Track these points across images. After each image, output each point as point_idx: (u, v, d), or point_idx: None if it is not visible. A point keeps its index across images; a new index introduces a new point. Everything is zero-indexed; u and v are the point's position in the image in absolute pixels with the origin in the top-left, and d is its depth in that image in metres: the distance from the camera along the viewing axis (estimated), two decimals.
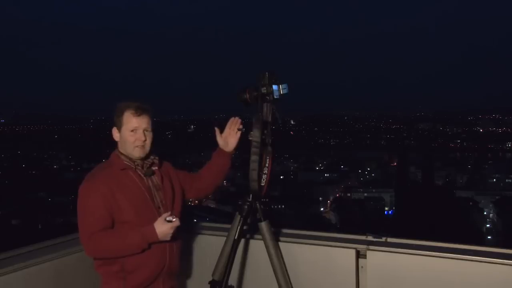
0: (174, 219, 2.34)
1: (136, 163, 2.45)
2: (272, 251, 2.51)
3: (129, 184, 2.40)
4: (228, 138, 2.75)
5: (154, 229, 2.33)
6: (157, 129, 2.60)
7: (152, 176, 2.50)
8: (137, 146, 2.42)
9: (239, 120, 2.76)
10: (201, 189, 2.80)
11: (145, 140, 2.44)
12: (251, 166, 2.43)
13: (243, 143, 2.66)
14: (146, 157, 2.49)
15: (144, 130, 2.44)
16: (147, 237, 2.33)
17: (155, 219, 2.36)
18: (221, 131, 2.75)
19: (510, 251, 2.41)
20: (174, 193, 2.56)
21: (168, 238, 2.36)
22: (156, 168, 2.53)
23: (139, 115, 2.43)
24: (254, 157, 2.43)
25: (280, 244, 2.65)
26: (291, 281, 2.56)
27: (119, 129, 2.46)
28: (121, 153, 2.46)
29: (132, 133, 2.43)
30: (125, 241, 2.32)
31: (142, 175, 2.46)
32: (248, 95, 2.51)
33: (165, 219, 2.34)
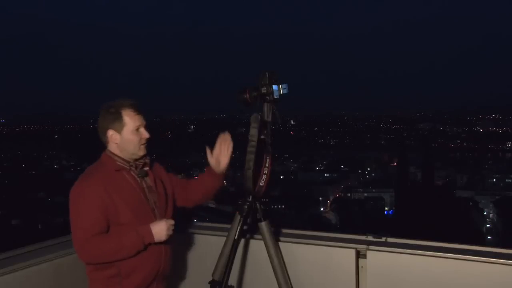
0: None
1: (130, 164, 2.38)
2: (272, 251, 2.51)
3: (125, 186, 2.33)
4: (220, 156, 2.58)
5: (150, 229, 2.28)
6: (157, 129, 2.58)
7: (145, 178, 2.43)
8: (142, 144, 2.37)
9: (229, 136, 2.58)
10: (189, 200, 2.69)
11: (149, 137, 2.39)
12: (246, 165, 2.42)
13: (243, 143, 2.66)
14: (139, 157, 2.41)
15: (145, 126, 2.39)
16: (143, 237, 2.27)
17: (151, 221, 2.32)
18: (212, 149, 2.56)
19: (510, 251, 2.42)
20: (166, 195, 2.50)
21: (164, 238, 2.32)
22: (148, 169, 2.45)
23: (139, 112, 2.37)
24: (250, 156, 2.42)
25: (280, 244, 2.65)
26: (291, 281, 2.56)
27: (119, 131, 2.34)
28: (114, 154, 2.37)
29: (136, 132, 2.35)
30: (120, 242, 2.24)
31: (136, 176, 2.39)
32: (248, 95, 2.51)
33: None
